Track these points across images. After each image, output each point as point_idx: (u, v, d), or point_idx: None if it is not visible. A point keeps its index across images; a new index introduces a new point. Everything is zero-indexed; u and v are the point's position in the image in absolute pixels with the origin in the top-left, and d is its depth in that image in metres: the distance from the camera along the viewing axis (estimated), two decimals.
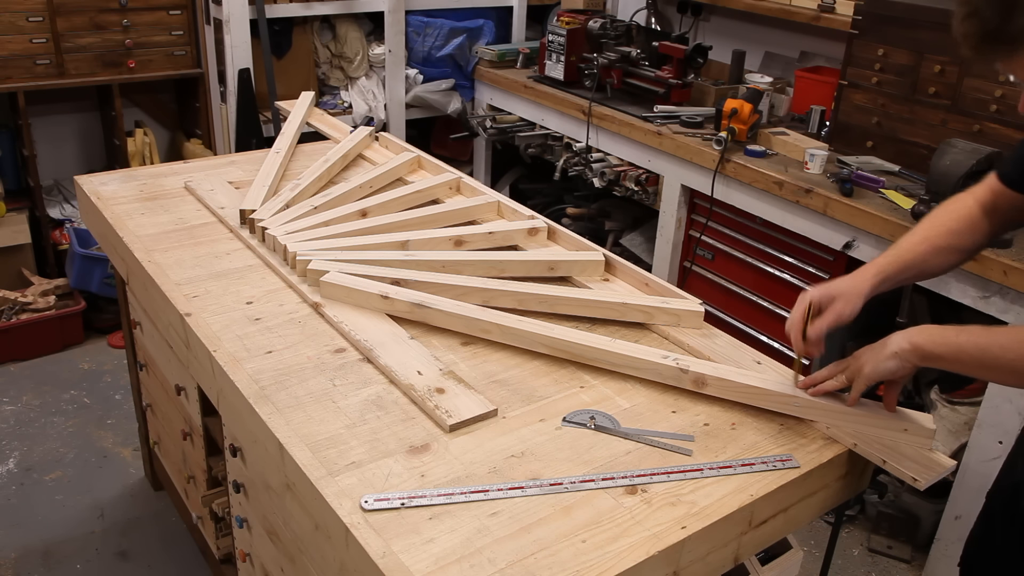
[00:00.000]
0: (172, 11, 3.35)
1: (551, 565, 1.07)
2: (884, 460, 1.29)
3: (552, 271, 1.81)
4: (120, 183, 2.20)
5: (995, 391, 2.09)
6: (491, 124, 3.59)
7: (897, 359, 1.27)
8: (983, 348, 1.20)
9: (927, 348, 1.24)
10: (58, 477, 2.64)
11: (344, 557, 1.14)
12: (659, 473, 1.24)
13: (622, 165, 3.10)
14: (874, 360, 1.29)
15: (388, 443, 1.28)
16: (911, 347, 1.25)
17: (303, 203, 1.99)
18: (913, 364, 1.26)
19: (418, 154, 2.36)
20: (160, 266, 1.78)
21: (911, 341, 1.26)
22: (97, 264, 3.22)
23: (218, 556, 2.02)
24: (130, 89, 3.57)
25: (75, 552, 2.36)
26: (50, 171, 3.59)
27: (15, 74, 3.12)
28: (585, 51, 3.28)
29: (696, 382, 1.43)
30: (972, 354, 1.21)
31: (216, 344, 1.51)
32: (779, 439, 1.35)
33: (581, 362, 1.51)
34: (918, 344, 1.25)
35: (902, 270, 1.41)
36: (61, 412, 2.94)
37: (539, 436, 1.32)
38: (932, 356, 1.24)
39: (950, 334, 1.24)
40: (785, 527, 1.32)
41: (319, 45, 3.58)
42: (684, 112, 2.97)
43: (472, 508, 1.16)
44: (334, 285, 1.64)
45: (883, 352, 1.28)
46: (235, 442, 1.62)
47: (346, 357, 1.50)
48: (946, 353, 1.23)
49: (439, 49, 3.68)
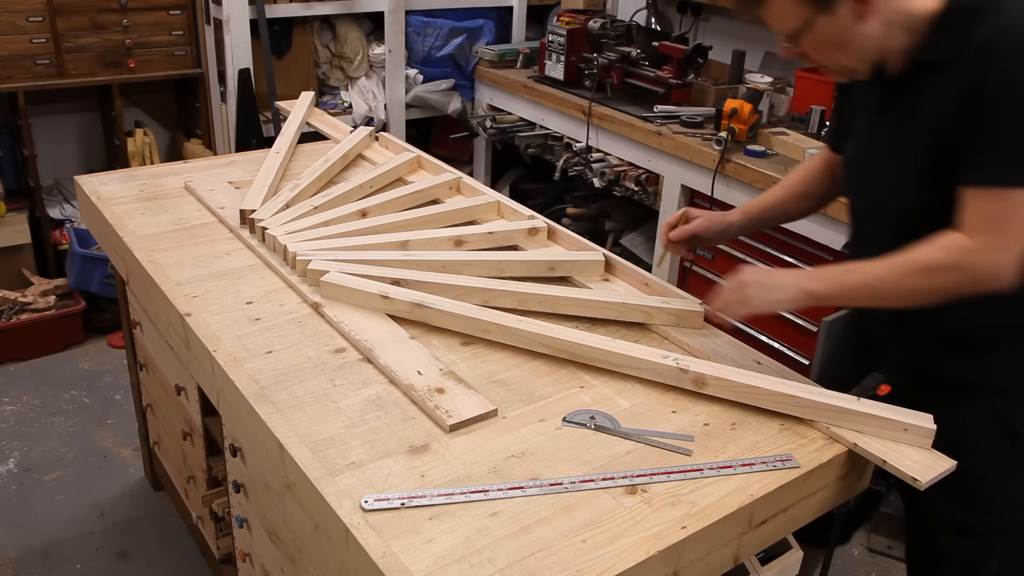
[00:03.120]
0: (172, 11, 3.35)
1: (551, 565, 1.07)
2: (884, 460, 1.29)
3: (552, 271, 1.81)
4: (120, 183, 2.20)
5: None
6: (491, 124, 3.59)
7: (786, 305, 1.41)
8: (867, 282, 1.33)
9: (818, 291, 1.37)
10: (58, 477, 2.64)
11: (344, 557, 1.14)
12: (659, 473, 1.24)
13: (622, 165, 3.10)
14: (763, 299, 1.41)
15: (388, 443, 1.28)
16: (803, 293, 1.37)
17: (303, 203, 1.99)
18: (803, 306, 1.40)
19: (418, 154, 2.36)
20: (160, 266, 1.78)
21: (802, 288, 1.38)
22: (97, 264, 3.22)
23: (218, 556, 2.02)
24: (130, 89, 3.57)
25: (75, 552, 2.36)
26: (50, 171, 3.59)
27: (15, 74, 3.12)
28: (585, 51, 3.28)
29: (696, 382, 1.43)
30: (860, 289, 1.35)
31: (216, 344, 1.51)
32: (779, 439, 1.35)
33: (581, 362, 1.51)
34: (809, 289, 1.37)
35: (764, 211, 1.69)
36: (61, 412, 2.94)
37: (539, 436, 1.32)
38: (824, 297, 1.38)
39: (838, 274, 1.37)
40: (785, 527, 1.32)
41: (319, 45, 3.58)
42: (684, 112, 2.97)
43: (472, 508, 1.16)
44: (334, 285, 1.64)
45: (774, 295, 1.40)
46: (235, 442, 1.62)
47: (346, 357, 1.50)
48: (837, 293, 1.37)
49: (439, 49, 3.68)
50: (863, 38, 1.30)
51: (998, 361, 1.42)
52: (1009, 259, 1.25)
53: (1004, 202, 1.24)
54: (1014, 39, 1.21)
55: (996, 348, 1.41)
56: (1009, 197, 1.23)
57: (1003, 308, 1.34)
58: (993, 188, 1.25)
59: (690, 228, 1.68)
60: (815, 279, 1.38)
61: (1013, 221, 1.24)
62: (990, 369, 1.42)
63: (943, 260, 1.27)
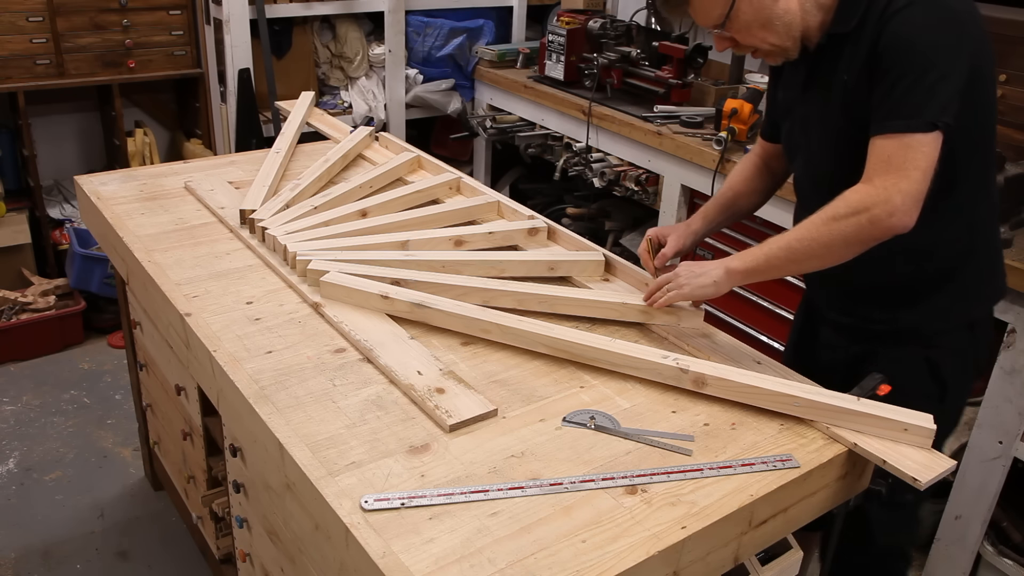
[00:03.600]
0: (172, 11, 3.35)
1: (551, 565, 1.07)
2: (884, 460, 1.29)
3: (552, 271, 1.81)
4: (120, 183, 2.20)
5: (995, 391, 2.09)
6: (491, 124, 3.59)
7: (715, 287, 1.49)
8: (783, 246, 1.42)
9: (741, 268, 1.47)
10: (58, 477, 2.64)
11: (344, 557, 1.14)
12: (659, 473, 1.24)
13: (622, 165, 3.10)
14: (692, 285, 1.51)
15: (388, 443, 1.28)
16: (727, 274, 1.48)
17: (303, 203, 1.99)
18: (727, 288, 1.49)
19: (418, 154, 2.36)
20: (160, 266, 1.78)
21: (727, 268, 1.48)
22: (97, 264, 3.22)
23: (218, 556, 2.02)
24: (130, 89, 3.57)
25: (75, 552, 2.36)
26: (50, 171, 3.59)
27: (15, 74, 3.12)
28: (585, 51, 3.28)
29: (696, 382, 1.43)
30: (780, 256, 1.43)
31: (216, 344, 1.51)
32: (779, 439, 1.35)
33: (581, 362, 1.51)
34: (733, 268, 1.48)
35: (720, 211, 1.77)
36: (61, 412, 2.94)
37: (539, 436, 1.32)
38: (747, 272, 1.47)
39: (755, 250, 1.47)
40: (785, 527, 1.32)
41: (319, 45, 3.58)
42: (684, 112, 2.97)
43: (472, 508, 1.16)
44: (334, 285, 1.64)
45: (702, 280, 1.50)
46: (235, 442, 1.62)
47: (346, 357, 1.50)
48: (759, 266, 1.46)
49: (439, 49, 3.68)
50: (784, 14, 1.44)
51: (925, 311, 1.55)
52: (905, 200, 1.33)
53: (898, 146, 1.34)
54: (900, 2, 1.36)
55: (921, 299, 1.54)
56: (903, 141, 1.34)
57: (919, 259, 1.46)
58: (889, 135, 1.35)
59: (669, 253, 1.71)
60: (737, 258, 1.49)
61: (907, 163, 1.33)
62: (919, 319, 1.55)
63: (845, 207, 1.37)
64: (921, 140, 1.34)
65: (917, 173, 1.34)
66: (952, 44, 1.35)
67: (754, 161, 1.81)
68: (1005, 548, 2.25)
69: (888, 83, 1.36)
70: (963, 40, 1.35)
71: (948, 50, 1.34)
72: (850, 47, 1.44)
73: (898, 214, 1.34)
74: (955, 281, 1.55)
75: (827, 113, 1.51)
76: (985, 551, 2.25)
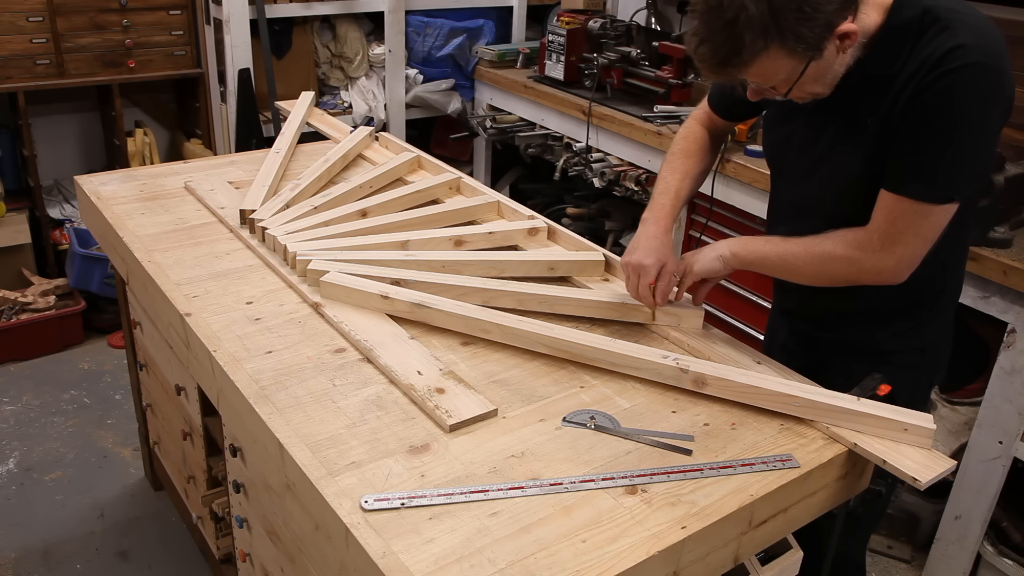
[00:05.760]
0: (172, 11, 3.35)
1: (551, 565, 1.07)
2: (884, 460, 1.29)
3: (552, 271, 1.81)
4: (120, 183, 2.20)
5: (995, 391, 2.09)
6: (491, 124, 3.59)
7: (721, 261, 1.54)
8: (780, 255, 1.48)
9: (742, 255, 1.53)
10: (58, 477, 2.64)
11: (344, 557, 1.14)
12: (659, 473, 1.24)
13: (622, 165, 3.10)
14: (701, 260, 1.56)
15: (388, 443, 1.28)
16: (731, 254, 1.53)
17: (303, 203, 1.99)
18: (732, 267, 1.54)
19: (418, 154, 2.36)
20: (160, 266, 1.78)
21: (731, 249, 1.54)
22: (97, 264, 3.22)
23: (218, 556, 2.02)
24: (130, 89, 3.57)
25: (75, 552, 2.36)
26: (50, 171, 3.59)
27: (15, 74, 3.12)
28: (585, 51, 3.28)
29: (696, 382, 1.43)
30: (774, 261, 1.50)
31: (216, 344, 1.51)
32: (779, 439, 1.35)
33: (581, 362, 1.51)
34: (736, 251, 1.53)
35: (681, 206, 1.72)
36: (61, 412, 2.94)
37: (539, 436, 1.32)
38: (746, 261, 1.53)
39: (759, 244, 1.52)
40: (785, 527, 1.32)
41: (319, 45, 3.58)
42: (684, 112, 2.97)
43: (472, 508, 1.16)
44: (334, 285, 1.64)
45: (710, 254, 1.55)
46: (235, 442, 1.62)
47: (346, 357, 1.50)
48: (755, 260, 1.52)
49: (439, 49, 3.68)
50: (839, 68, 1.35)
51: (886, 333, 1.58)
52: (899, 264, 1.38)
53: (909, 211, 1.33)
54: (953, 61, 1.27)
55: (880, 322, 1.57)
56: (916, 208, 1.33)
57: (889, 290, 1.46)
58: (904, 198, 1.33)
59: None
60: (740, 244, 1.54)
61: (909, 231, 1.34)
62: (878, 338, 1.58)
63: (841, 252, 1.41)
64: (934, 210, 1.32)
65: (919, 240, 1.35)
66: (995, 117, 1.30)
67: (701, 133, 1.73)
68: (1005, 548, 2.25)
69: (919, 141, 1.30)
70: (1003, 108, 1.30)
71: (990, 124, 1.30)
72: (879, 88, 1.35)
73: (887, 273, 1.39)
74: (916, 311, 1.56)
75: (836, 148, 1.45)
76: (985, 551, 2.25)
